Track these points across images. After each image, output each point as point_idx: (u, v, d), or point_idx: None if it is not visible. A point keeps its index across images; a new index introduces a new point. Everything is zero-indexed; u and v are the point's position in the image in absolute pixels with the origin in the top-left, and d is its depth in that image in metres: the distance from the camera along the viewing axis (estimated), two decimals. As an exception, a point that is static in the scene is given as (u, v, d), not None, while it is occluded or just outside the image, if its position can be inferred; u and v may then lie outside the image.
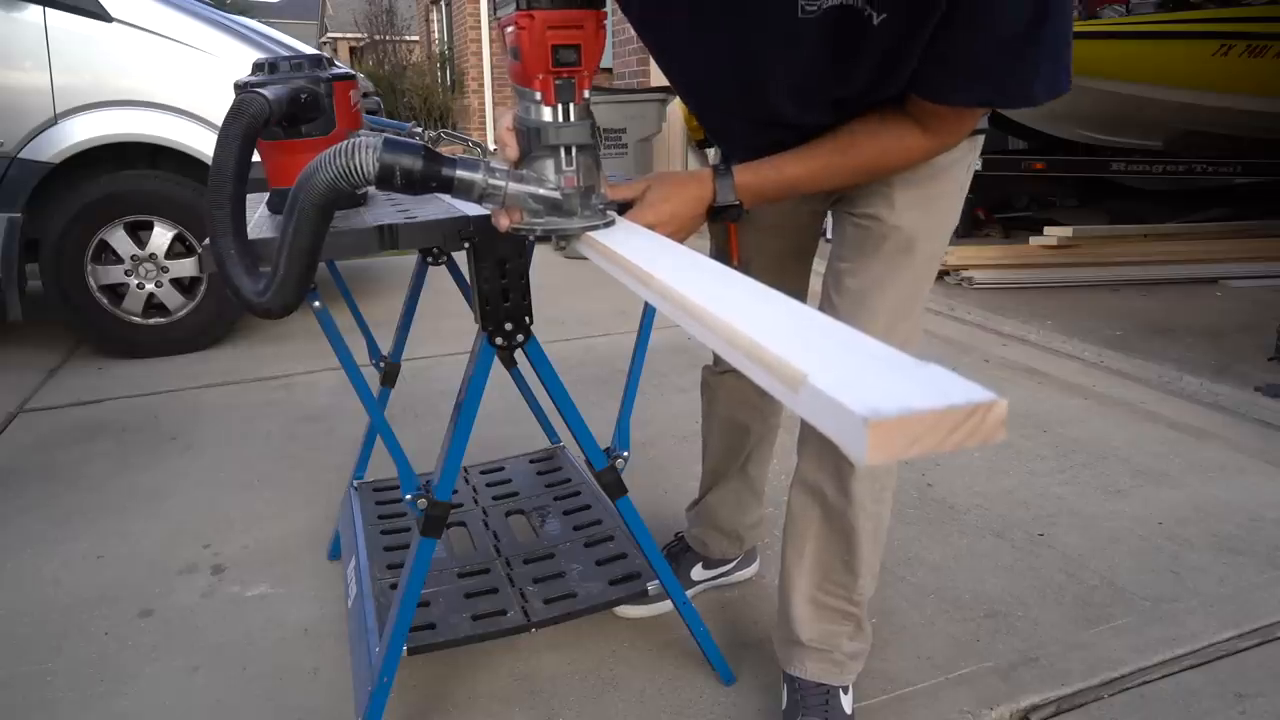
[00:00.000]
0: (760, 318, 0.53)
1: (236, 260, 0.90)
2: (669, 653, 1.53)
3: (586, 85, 0.83)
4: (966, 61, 0.88)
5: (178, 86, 3.15)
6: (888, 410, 0.36)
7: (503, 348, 1.19)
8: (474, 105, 12.16)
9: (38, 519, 2.07)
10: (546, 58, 0.78)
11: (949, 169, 1.11)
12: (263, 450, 2.45)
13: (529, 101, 0.84)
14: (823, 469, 1.20)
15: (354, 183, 0.82)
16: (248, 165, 0.92)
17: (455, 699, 1.44)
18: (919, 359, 0.43)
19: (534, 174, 0.86)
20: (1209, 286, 3.98)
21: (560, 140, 0.83)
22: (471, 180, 0.83)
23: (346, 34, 18.97)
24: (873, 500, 1.19)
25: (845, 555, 1.23)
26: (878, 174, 1.06)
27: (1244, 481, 2.13)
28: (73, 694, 1.46)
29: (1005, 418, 0.38)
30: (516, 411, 1.89)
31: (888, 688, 1.43)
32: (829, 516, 1.22)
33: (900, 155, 1.02)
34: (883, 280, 1.12)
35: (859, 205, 1.13)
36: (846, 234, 1.16)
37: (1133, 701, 1.40)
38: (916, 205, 1.10)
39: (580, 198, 0.86)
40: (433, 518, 1.20)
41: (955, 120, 0.99)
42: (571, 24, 0.78)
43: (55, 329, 3.51)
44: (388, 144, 0.82)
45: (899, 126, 0.99)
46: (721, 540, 1.65)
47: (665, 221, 0.97)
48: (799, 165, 1.03)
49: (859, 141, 1.01)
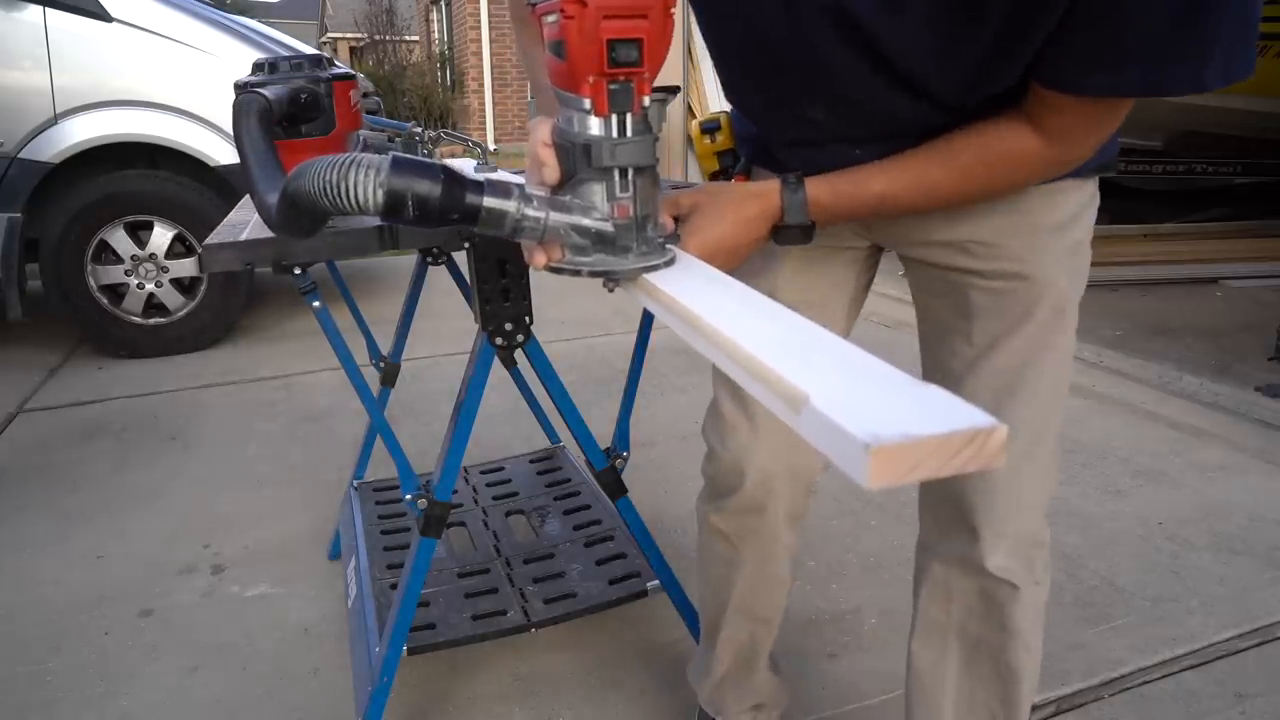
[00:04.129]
0: (764, 333, 0.52)
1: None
2: (669, 653, 1.53)
3: (647, 90, 0.65)
4: (1112, 33, 0.64)
5: (177, 86, 3.15)
6: (889, 436, 0.36)
7: (503, 348, 1.19)
8: (474, 105, 12.16)
9: (37, 519, 2.07)
10: (600, 55, 0.61)
11: (1089, 207, 0.89)
12: (263, 450, 2.45)
13: (575, 110, 0.66)
14: (962, 598, 0.97)
15: (345, 210, 0.65)
16: (270, 136, 0.90)
17: (455, 699, 1.44)
18: (919, 380, 0.43)
19: (579, 201, 0.68)
20: (1209, 286, 3.98)
21: (614, 161, 0.66)
22: (503, 211, 0.66)
23: (346, 34, 18.97)
24: (1033, 627, 0.97)
25: (998, 711, 1.00)
26: (981, 194, 0.80)
27: (1244, 481, 2.13)
28: (72, 694, 1.46)
29: (1005, 443, 0.38)
30: (516, 411, 1.90)
31: (887, 688, 1.43)
32: (973, 662, 0.99)
33: (1010, 167, 0.76)
34: (1039, 355, 0.88)
35: (988, 261, 0.88)
36: (973, 304, 0.89)
37: (1133, 701, 1.40)
38: (1068, 256, 0.88)
39: (635, 230, 0.68)
40: (433, 518, 1.20)
41: (1085, 122, 0.72)
42: (634, 12, 0.61)
43: (55, 329, 3.51)
44: (396, 165, 0.64)
45: (1010, 127, 0.74)
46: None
47: (715, 254, 0.78)
48: (884, 178, 0.79)
49: (957, 146, 0.77)
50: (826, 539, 1.88)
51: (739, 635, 1.18)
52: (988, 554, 0.92)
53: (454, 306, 1.92)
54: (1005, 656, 0.96)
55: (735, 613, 1.16)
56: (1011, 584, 0.93)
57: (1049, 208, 0.85)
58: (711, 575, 1.17)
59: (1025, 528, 0.93)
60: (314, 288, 1.24)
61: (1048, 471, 0.93)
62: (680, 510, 1.81)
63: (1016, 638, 0.95)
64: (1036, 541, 0.95)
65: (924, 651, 1.03)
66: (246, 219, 1.25)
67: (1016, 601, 0.93)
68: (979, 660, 0.98)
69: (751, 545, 1.11)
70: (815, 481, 1.10)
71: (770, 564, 1.13)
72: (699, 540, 1.17)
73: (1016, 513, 0.92)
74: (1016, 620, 0.94)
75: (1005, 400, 0.89)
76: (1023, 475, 0.91)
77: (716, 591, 1.17)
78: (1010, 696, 0.98)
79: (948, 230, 0.88)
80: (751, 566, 1.12)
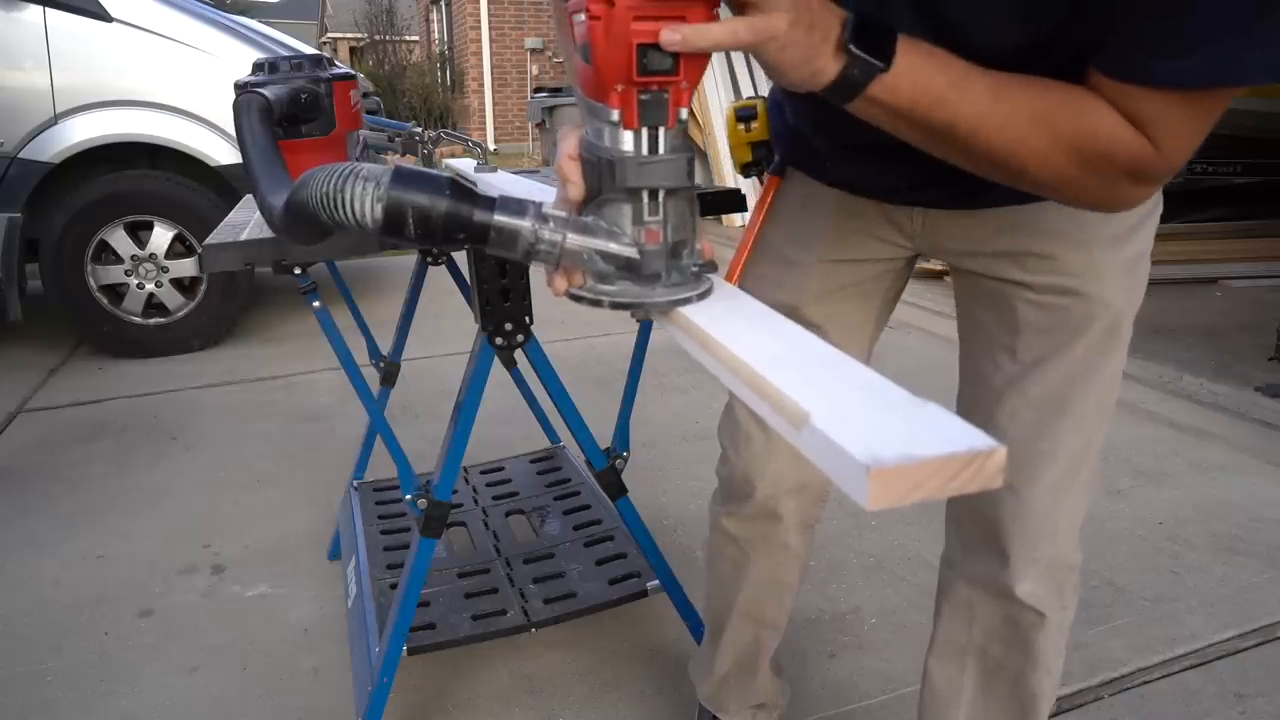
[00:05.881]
0: (768, 349, 0.51)
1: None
2: (669, 652, 1.53)
3: (685, 101, 0.58)
4: (1185, 10, 0.54)
5: (177, 86, 3.15)
6: (890, 458, 0.36)
7: (503, 348, 1.19)
8: (474, 105, 12.16)
9: (38, 519, 2.07)
10: (628, 61, 0.54)
11: (1151, 216, 0.82)
12: (263, 450, 2.45)
13: (602, 122, 0.58)
14: (985, 620, 0.94)
15: (343, 224, 0.60)
16: (272, 135, 0.88)
17: (455, 699, 1.44)
18: (918, 398, 0.43)
19: (603, 223, 0.60)
20: (1209, 286, 3.99)
21: (643, 181, 0.58)
22: (516, 230, 0.59)
23: (346, 34, 18.96)
24: (1056, 652, 0.94)
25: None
26: (1073, 171, 0.62)
27: (1244, 481, 2.13)
28: (73, 694, 1.46)
29: (1004, 464, 0.39)
30: (516, 411, 1.89)
31: (887, 688, 1.43)
32: (991, 684, 0.96)
33: (1106, 141, 0.60)
34: (1085, 375, 0.84)
35: (1041, 274, 0.81)
36: (1021, 318, 0.83)
37: (1133, 701, 1.40)
38: (1124, 272, 0.82)
39: (667, 257, 0.61)
40: (433, 518, 1.20)
41: (1178, 114, 0.59)
42: (670, 12, 0.53)
43: (55, 329, 3.51)
44: (398, 177, 0.58)
45: (1107, 108, 0.60)
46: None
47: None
48: (966, 82, 0.60)
49: (1053, 94, 0.61)
50: (826, 539, 1.88)
51: (743, 637, 1.17)
52: (1017, 580, 0.88)
53: (454, 306, 1.92)
54: (1025, 681, 0.93)
55: (741, 615, 1.14)
56: (1039, 611, 0.90)
57: (1108, 218, 0.79)
58: (719, 575, 1.16)
59: (1059, 553, 0.89)
60: (314, 288, 1.24)
61: (1085, 494, 0.89)
62: (680, 510, 1.81)
63: (1039, 664, 0.92)
64: (1069, 565, 0.91)
65: (941, 669, 1.00)
66: (246, 219, 1.25)
67: (1042, 629, 0.90)
68: (997, 682, 0.96)
69: (761, 551, 1.09)
70: (828, 491, 1.08)
71: (779, 570, 1.12)
72: (709, 539, 1.16)
73: (1050, 539, 0.88)
74: (1040, 646, 0.91)
75: (1049, 421, 0.85)
76: (1061, 501, 0.87)
77: (723, 592, 1.16)
78: (1027, 719, 0.96)
79: (999, 240, 0.83)
80: (760, 571, 1.11)
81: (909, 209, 0.88)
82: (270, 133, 0.89)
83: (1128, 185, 0.63)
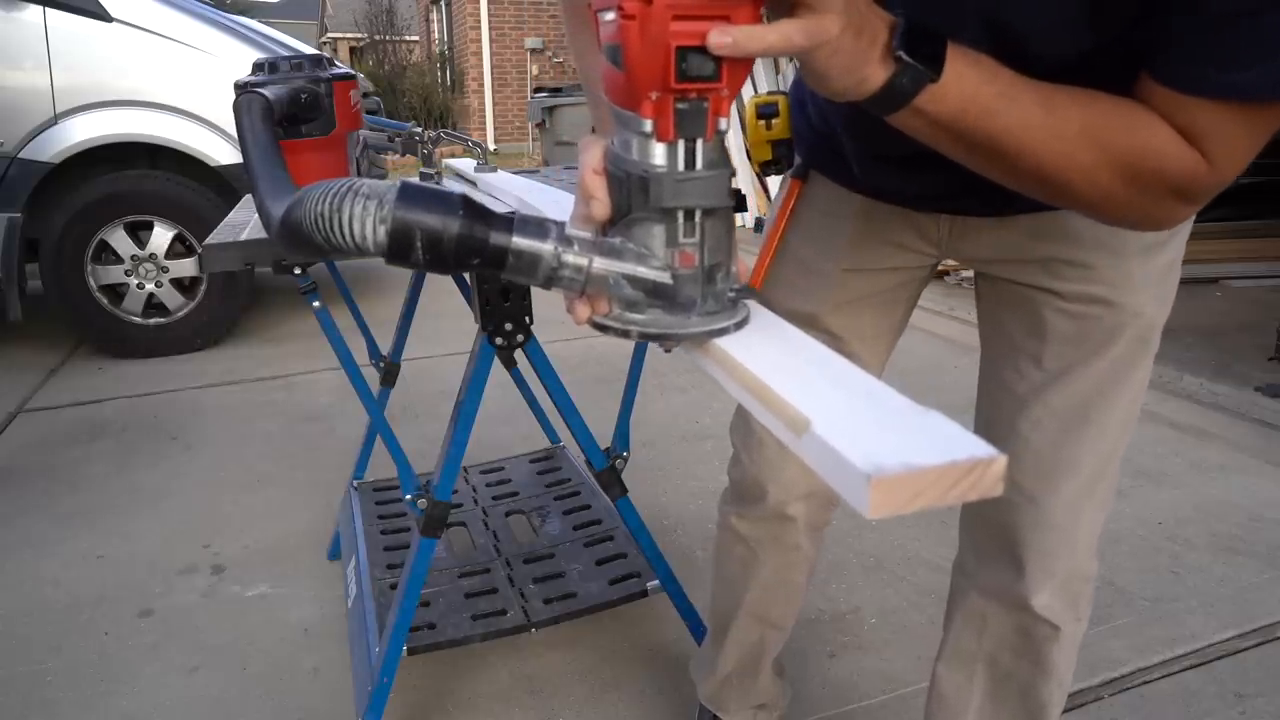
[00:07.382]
0: (770, 355, 0.51)
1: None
2: (669, 652, 1.53)
3: (725, 111, 0.52)
4: (1248, 21, 0.51)
5: (177, 86, 3.15)
6: (891, 467, 0.36)
7: (503, 348, 1.19)
8: (474, 105, 12.16)
9: (38, 519, 2.07)
10: (666, 66, 0.48)
11: (1185, 223, 0.80)
12: (263, 450, 2.45)
13: (632, 133, 0.52)
14: (997, 630, 0.92)
15: (341, 248, 0.54)
16: (273, 135, 0.87)
17: (455, 699, 1.44)
18: (919, 406, 0.43)
19: (632, 245, 0.54)
20: (1209, 286, 3.98)
21: (680, 200, 0.52)
22: (537, 254, 0.53)
23: (346, 34, 18.96)
24: (1068, 663, 0.93)
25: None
26: (1118, 186, 0.59)
27: (1244, 481, 2.13)
28: (73, 694, 1.46)
29: (1004, 473, 0.39)
30: (516, 411, 1.89)
31: (887, 688, 1.43)
32: (1001, 692, 0.94)
33: (1156, 156, 0.58)
34: (1112, 385, 0.82)
35: (1072, 282, 0.79)
36: (1048, 325, 0.81)
37: (1133, 701, 1.40)
38: (1156, 280, 0.81)
39: (702, 282, 0.55)
40: (433, 518, 1.20)
41: (1235, 128, 0.56)
42: (713, 11, 0.47)
43: (55, 329, 3.51)
44: (404, 195, 0.52)
45: (1159, 121, 0.58)
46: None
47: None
48: (1014, 92, 0.57)
49: (1102, 105, 0.58)
50: (826, 539, 1.87)
51: (749, 637, 1.16)
52: (1032, 592, 0.87)
53: (454, 306, 1.92)
54: (1035, 691, 0.92)
55: (747, 615, 1.14)
56: (1053, 624, 0.88)
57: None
58: (726, 574, 1.15)
59: (1076, 565, 0.88)
60: (314, 288, 1.24)
61: (1105, 506, 0.88)
62: (680, 510, 1.81)
63: (1050, 676, 0.91)
64: (1085, 577, 0.90)
65: (950, 675, 0.99)
66: (246, 219, 1.25)
67: (1056, 641, 0.89)
68: (1007, 691, 0.95)
69: (771, 552, 1.09)
70: (838, 497, 1.07)
71: (788, 571, 1.11)
72: (717, 537, 1.15)
73: (1070, 551, 0.87)
74: (1053, 659, 0.90)
75: (1072, 431, 0.82)
76: (1081, 512, 0.85)
77: (730, 591, 1.15)
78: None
79: (1030, 247, 0.81)
80: (769, 572, 1.10)
81: (936, 216, 0.86)
82: (271, 133, 0.89)
83: (1173, 202, 0.60)
